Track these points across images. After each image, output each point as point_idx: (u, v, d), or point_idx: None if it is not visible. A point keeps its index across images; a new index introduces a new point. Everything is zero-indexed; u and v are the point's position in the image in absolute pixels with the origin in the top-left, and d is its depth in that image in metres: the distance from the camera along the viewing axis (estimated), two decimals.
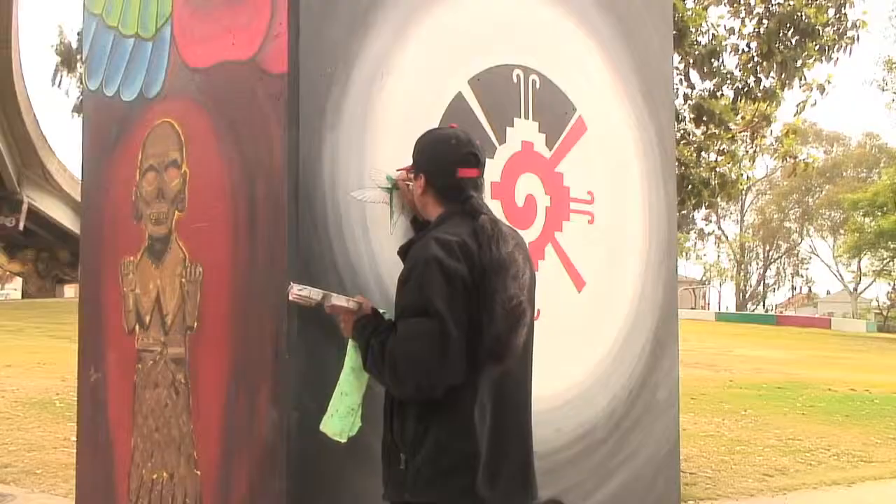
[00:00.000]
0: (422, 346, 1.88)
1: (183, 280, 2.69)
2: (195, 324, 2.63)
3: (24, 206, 33.72)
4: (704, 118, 6.80)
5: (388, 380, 1.97)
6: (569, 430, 3.01)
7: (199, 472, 2.58)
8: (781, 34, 6.72)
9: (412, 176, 2.24)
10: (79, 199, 6.91)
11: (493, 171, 2.85)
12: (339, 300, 2.16)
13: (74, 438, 3.41)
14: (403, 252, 2.12)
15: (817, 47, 6.74)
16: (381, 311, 2.16)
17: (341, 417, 2.13)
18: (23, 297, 47.01)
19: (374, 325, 2.07)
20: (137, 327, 2.89)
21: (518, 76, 2.96)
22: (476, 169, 2.15)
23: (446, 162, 2.13)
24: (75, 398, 3.33)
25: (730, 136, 7.18)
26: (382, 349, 1.96)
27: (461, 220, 2.05)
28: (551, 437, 2.90)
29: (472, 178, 2.13)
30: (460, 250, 1.94)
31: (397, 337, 1.94)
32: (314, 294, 2.16)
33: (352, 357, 2.14)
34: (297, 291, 2.15)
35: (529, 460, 2.07)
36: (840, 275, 58.12)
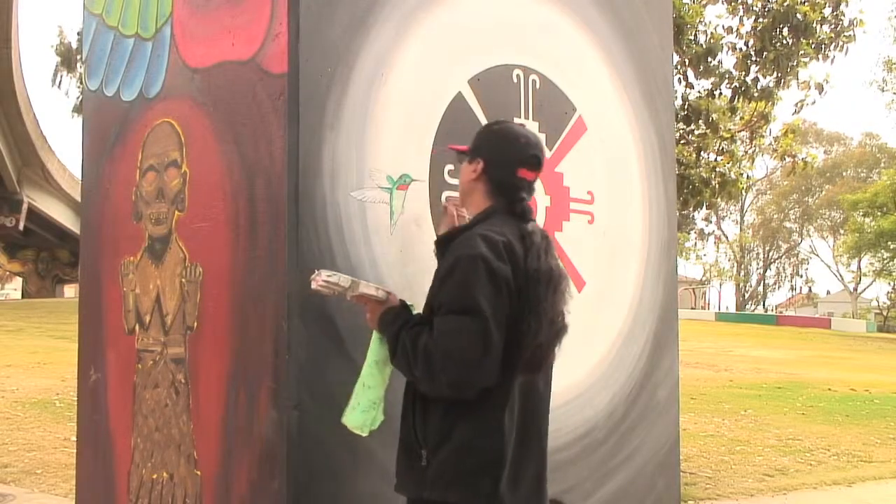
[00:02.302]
0: (462, 344, 1.82)
1: (183, 280, 2.69)
2: (195, 324, 2.63)
3: (24, 206, 33.70)
4: (693, 118, 6.80)
5: (421, 375, 1.90)
6: (569, 430, 3.01)
7: (199, 472, 2.58)
8: (776, 31, 6.72)
9: (466, 160, 2.16)
10: (79, 199, 6.91)
11: None
12: (367, 288, 2.07)
13: (74, 438, 3.40)
14: (442, 243, 2.04)
15: (812, 45, 6.74)
16: (409, 304, 2.10)
17: (363, 411, 2.07)
18: (23, 297, 47.02)
19: (404, 319, 2.00)
20: (137, 327, 2.89)
21: (518, 76, 2.96)
22: (535, 173, 2.11)
23: (510, 158, 2.08)
24: (75, 398, 3.33)
25: (729, 135, 7.18)
26: (415, 344, 1.90)
27: (506, 220, 2.01)
28: (551, 436, 2.89)
29: (529, 181, 2.10)
30: (506, 251, 1.90)
31: (437, 333, 1.87)
32: (343, 281, 2.04)
33: (375, 350, 2.08)
34: (326, 277, 2.02)
35: (544, 468, 2.05)
36: (840, 275, 58.15)
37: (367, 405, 2.07)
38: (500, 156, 2.08)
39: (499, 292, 1.86)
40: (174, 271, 2.73)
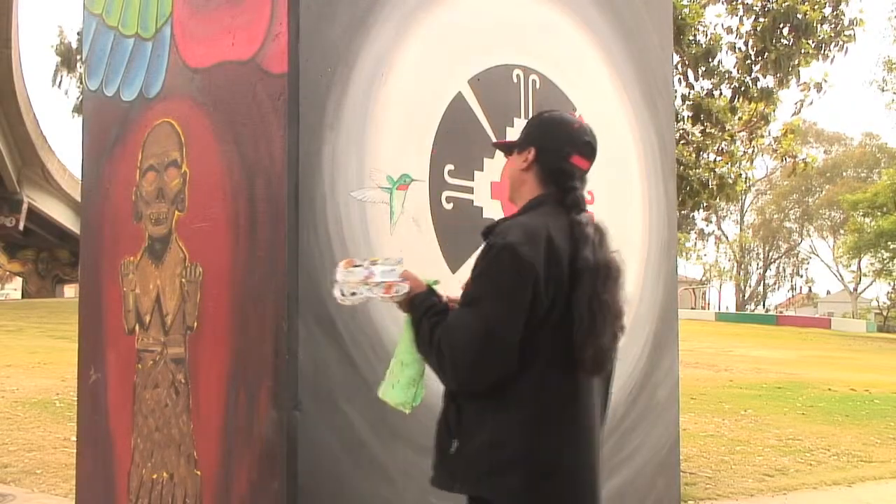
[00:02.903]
0: (461, 339, 1.78)
1: (183, 280, 2.69)
2: (195, 324, 2.63)
3: (24, 206, 33.69)
4: (702, 117, 6.80)
5: (433, 365, 1.88)
6: None
7: (199, 472, 2.58)
8: (776, 31, 6.72)
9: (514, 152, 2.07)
10: (79, 199, 6.91)
11: (493, 170, 2.85)
12: (385, 297, 2.03)
13: (74, 438, 3.40)
14: (486, 233, 1.96)
15: (813, 45, 6.74)
16: (434, 282, 2.04)
17: (403, 388, 2.04)
18: (23, 297, 47.00)
19: (427, 305, 1.94)
20: (137, 327, 2.89)
21: (518, 76, 2.96)
22: (589, 162, 2.01)
23: (564, 143, 1.97)
24: (75, 398, 3.33)
25: (728, 135, 7.18)
26: (431, 333, 1.87)
27: (554, 210, 1.92)
28: None
29: (582, 169, 1.99)
30: (545, 242, 1.81)
31: (446, 325, 1.84)
32: (358, 300, 2.03)
33: (410, 329, 2.04)
34: (340, 301, 2.02)
35: (595, 468, 1.94)
36: (840, 275, 58.14)
37: (406, 382, 2.04)
38: (551, 142, 1.98)
39: (522, 285, 1.78)
40: (174, 271, 2.73)
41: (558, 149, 1.97)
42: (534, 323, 1.79)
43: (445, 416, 1.91)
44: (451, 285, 2.64)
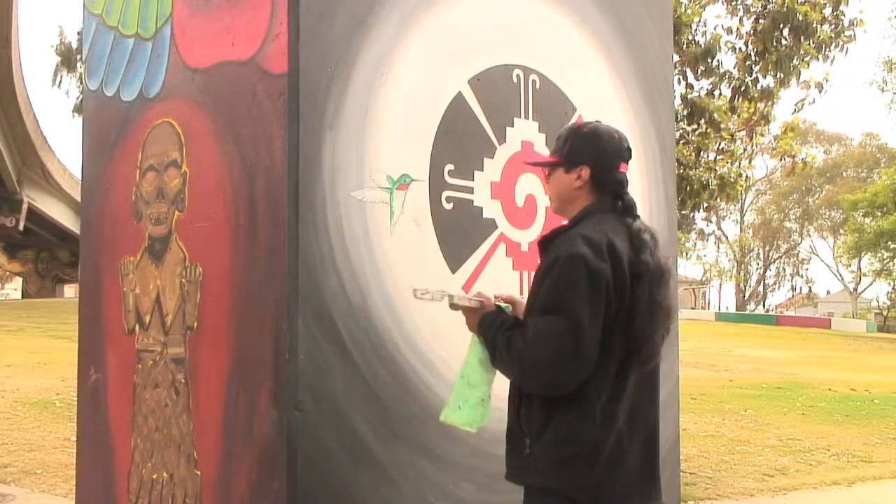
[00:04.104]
0: (551, 345, 1.86)
1: (183, 280, 2.69)
2: (195, 324, 2.63)
3: (24, 206, 33.68)
4: (695, 116, 6.81)
5: (516, 376, 1.99)
6: None
7: (199, 472, 2.58)
8: (776, 32, 6.73)
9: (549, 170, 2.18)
10: (79, 199, 6.91)
11: (493, 171, 2.85)
12: (460, 301, 2.15)
13: (74, 438, 3.40)
14: (544, 244, 2.08)
15: (813, 45, 6.75)
16: (503, 305, 2.14)
17: (471, 408, 2.12)
18: (23, 297, 47.00)
19: (498, 323, 2.05)
20: (137, 327, 2.89)
21: (518, 76, 2.96)
22: (628, 164, 2.14)
23: (613, 155, 2.09)
24: (75, 398, 3.33)
25: (728, 134, 7.18)
26: (508, 346, 1.96)
27: (606, 218, 2.03)
28: None
29: (625, 174, 2.12)
30: (608, 250, 1.91)
31: (530, 334, 1.92)
32: (436, 297, 2.19)
33: (478, 350, 2.12)
34: (420, 296, 2.18)
35: (655, 461, 2.07)
36: (840, 275, 58.14)
37: (474, 402, 2.12)
38: (604, 158, 2.09)
39: (597, 291, 1.87)
40: (174, 271, 2.73)
41: (610, 162, 2.09)
42: (604, 326, 1.90)
43: (517, 418, 2.03)
44: (452, 285, 2.65)
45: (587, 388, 1.91)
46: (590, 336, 1.86)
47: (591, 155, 2.09)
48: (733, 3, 7.16)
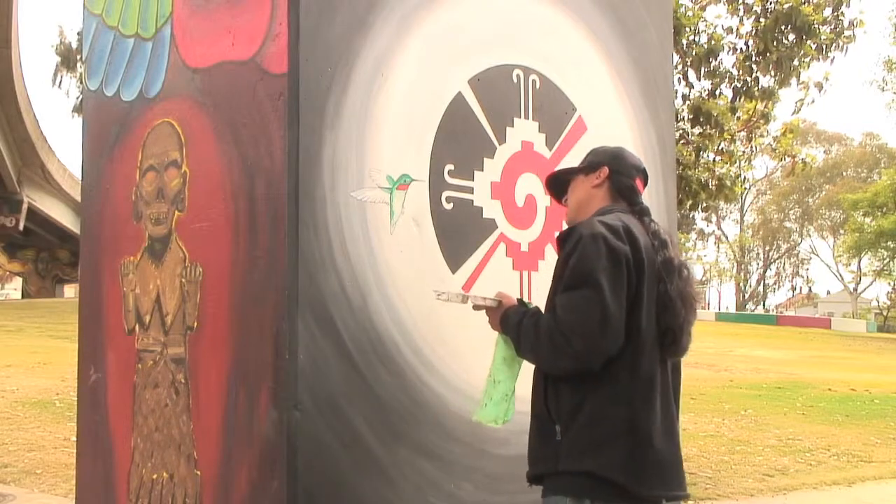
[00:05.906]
0: (580, 316, 1.90)
1: (183, 280, 2.69)
2: (195, 324, 2.63)
3: (24, 206, 33.68)
4: (701, 119, 6.81)
5: (546, 354, 1.98)
6: None
7: (199, 472, 2.58)
8: (778, 32, 6.73)
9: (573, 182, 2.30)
10: (79, 199, 6.91)
11: (493, 171, 2.85)
12: (479, 301, 2.21)
13: (74, 438, 3.41)
14: (562, 239, 2.11)
15: (814, 46, 6.75)
16: (525, 301, 2.20)
17: (496, 404, 2.16)
18: (23, 297, 46.99)
19: (523, 311, 2.11)
20: (137, 327, 2.89)
21: (518, 76, 2.96)
22: (645, 186, 2.28)
23: (631, 166, 2.25)
24: (75, 398, 3.33)
25: (728, 134, 7.18)
26: (536, 328, 2.00)
27: (622, 215, 2.10)
28: None
29: (641, 192, 2.25)
30: (625, 234, 1.99)
31: (558, 309, 1.95)
32: (453, 298, 2.25)
33: (501, 347, 2.17)
34: (437, 297, 2.22)
35: (679, 443, 2.09)
36: (840, 275, 58.13)
37: (498, 398, 2.16)
38: (622, 165, 2.24)
39: (618, 266, 1.93)
40: (174, 271, 2.73)
41: (628, 171, 2.24)
42: (627, 305, 1.94)
43: (545, 405, 2.03)
44: (452, 285, 2.65)
45: (617, 368, 1.94)
46: (614, 308, 1.90)
47: (609, 160, 2.24)
48: (734, 4, 7.17)
